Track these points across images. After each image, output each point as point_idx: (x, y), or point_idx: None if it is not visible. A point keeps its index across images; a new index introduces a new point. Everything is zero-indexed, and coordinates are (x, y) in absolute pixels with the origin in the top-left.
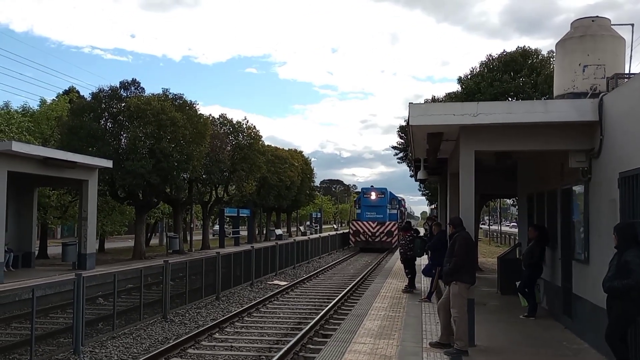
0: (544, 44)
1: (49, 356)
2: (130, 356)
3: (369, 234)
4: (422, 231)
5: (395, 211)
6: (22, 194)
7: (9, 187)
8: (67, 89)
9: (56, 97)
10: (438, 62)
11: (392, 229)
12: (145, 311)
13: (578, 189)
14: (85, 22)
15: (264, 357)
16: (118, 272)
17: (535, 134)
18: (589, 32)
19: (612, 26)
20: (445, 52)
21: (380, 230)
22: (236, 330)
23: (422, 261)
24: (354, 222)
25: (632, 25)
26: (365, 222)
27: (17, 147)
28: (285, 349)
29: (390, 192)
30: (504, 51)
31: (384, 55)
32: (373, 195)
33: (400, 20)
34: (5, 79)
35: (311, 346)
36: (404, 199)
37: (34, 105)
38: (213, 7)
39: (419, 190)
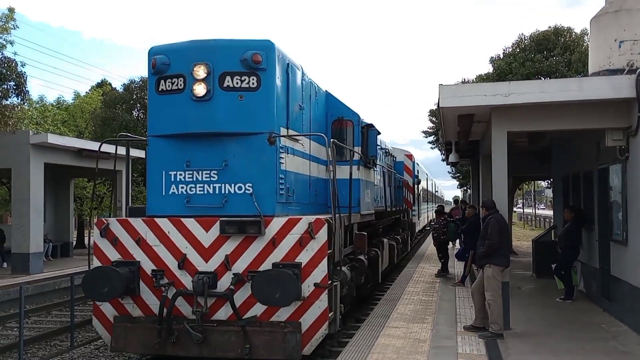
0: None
1: (89, 342)
2: None
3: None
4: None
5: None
6: (59, 186)
7: (46, 179)
8: (99, 81)
9: (90, 90)
10: (473, 41)
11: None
12: None
13: (615, 168)
14: (118, 15)
15: None
16: None
17: (570, 112)
18: (624, 6)
19: None
20: (481, 30)
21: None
22: None
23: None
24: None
25: None
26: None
27: (53, 139)
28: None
29: (325, 96)
30: (537, 30)
31: (421, 36)
32: (201, 72)
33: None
34: (42, 73)
35: (344, 330)
36: (410, 156)
37: (69, 98)
38: None
39: (449, 173)
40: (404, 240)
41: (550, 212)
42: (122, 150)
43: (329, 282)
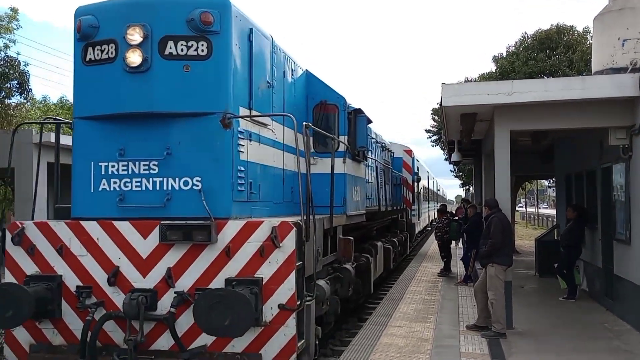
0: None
1: None
2: None
3: None
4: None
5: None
6: (63, 185)
7: (48, 178)
8: None
9: None
10: (476, 40)
11: None
12: None
13: (619, 167)
14: None
15: None
16: None
17: (573, 111)
18: (628, 4)
19: None
20: (483, 30)
21: None
22: None
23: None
24: None
25: None
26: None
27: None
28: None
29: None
30: (539, 29)
31: (422, 35)
32: (136, 35)
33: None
34: (45, 72)
35: (347, 329)
36: (410, 151)
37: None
38: None
39: (451, 172)
40: (402, 242)
41: (552, 211)
42: None
43: (298, 303)
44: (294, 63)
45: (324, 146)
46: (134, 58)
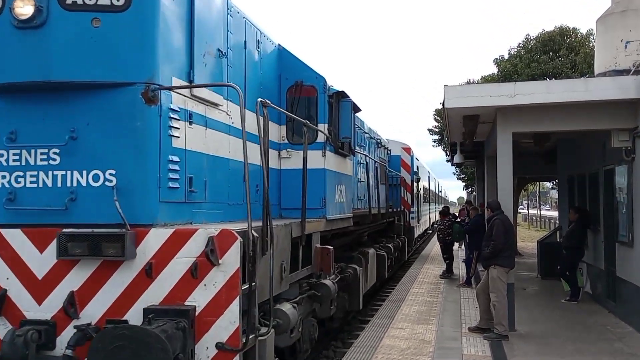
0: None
1: None
2: None
3: None
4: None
5: None
6: None
7: None
8: None
9: None
10: (477, 42)
11: None
12: None
13: (621, 169)
14: None
15: None
16: None
17: (576, 113)
18: (630, 7)
19: None
20: (485, 31)
21: None
22: None
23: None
24: None
25: None
26: None
27: None
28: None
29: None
30: (543, 30)
31: (424, 36)
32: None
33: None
34: None
35: (349, 331)
36: (408, 149)
37: None
38: None
39: (454, 174)
40: (399, 247)
41: (555, 213)
42: None
43: (243, 341)
44: (261, 34)
45: (301, 136)
46: (25, 8)
